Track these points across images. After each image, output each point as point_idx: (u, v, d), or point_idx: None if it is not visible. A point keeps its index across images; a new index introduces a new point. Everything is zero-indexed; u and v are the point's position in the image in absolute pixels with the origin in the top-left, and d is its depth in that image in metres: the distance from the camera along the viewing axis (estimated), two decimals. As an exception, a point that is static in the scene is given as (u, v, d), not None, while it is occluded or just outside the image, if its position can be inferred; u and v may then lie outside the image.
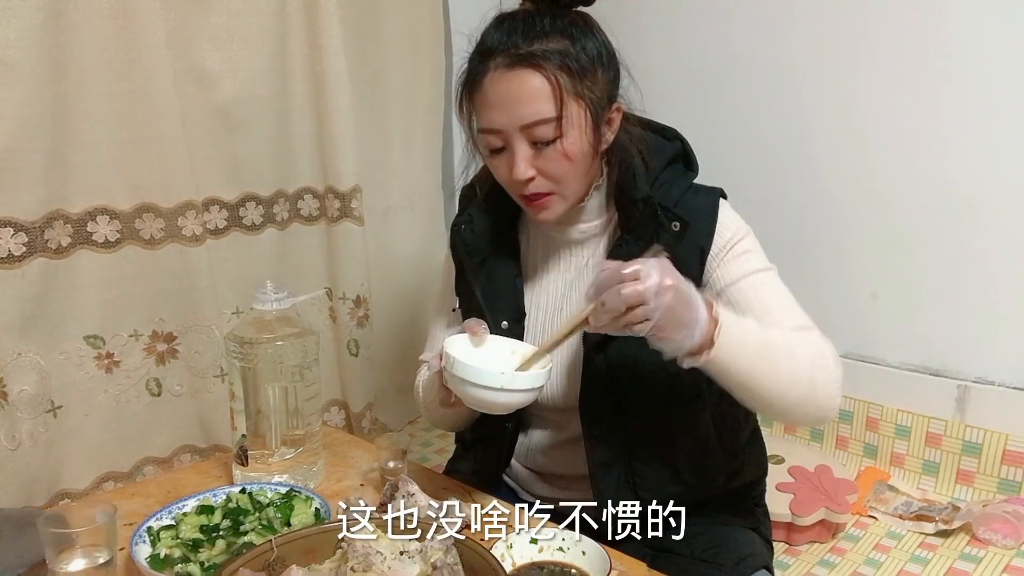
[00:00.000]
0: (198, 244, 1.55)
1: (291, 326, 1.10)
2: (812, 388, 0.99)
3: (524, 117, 0.98)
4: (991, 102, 1.59)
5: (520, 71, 0.98)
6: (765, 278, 1.06)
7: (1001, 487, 1.63)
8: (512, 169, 1.01)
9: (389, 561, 0.77)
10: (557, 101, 0.97)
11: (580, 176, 1.04)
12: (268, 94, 1.65)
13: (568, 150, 1.00)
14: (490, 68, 1.00)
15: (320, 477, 1.15)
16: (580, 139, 1.00)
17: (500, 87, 0.99)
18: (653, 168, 1.07)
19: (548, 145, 0.99)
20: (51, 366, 1.43)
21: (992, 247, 1.63)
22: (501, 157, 1.03)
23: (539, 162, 1.01)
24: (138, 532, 0.94)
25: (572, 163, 1.01)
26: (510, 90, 0.98)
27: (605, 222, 1.11)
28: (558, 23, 1.00)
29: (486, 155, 1.06)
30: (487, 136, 1.03)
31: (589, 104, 1.00)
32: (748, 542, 1.13)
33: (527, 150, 1.00)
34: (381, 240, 1.94)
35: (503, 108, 0.99)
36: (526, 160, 1.00)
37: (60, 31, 1.34)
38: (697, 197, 1.08)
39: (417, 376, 1.25)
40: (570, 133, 0.99)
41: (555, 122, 0.98)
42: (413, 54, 1.95)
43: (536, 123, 0.98)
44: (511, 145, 1.00)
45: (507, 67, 0.98)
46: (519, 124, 0.99)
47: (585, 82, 0.99)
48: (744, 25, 1.87)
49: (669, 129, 1.14)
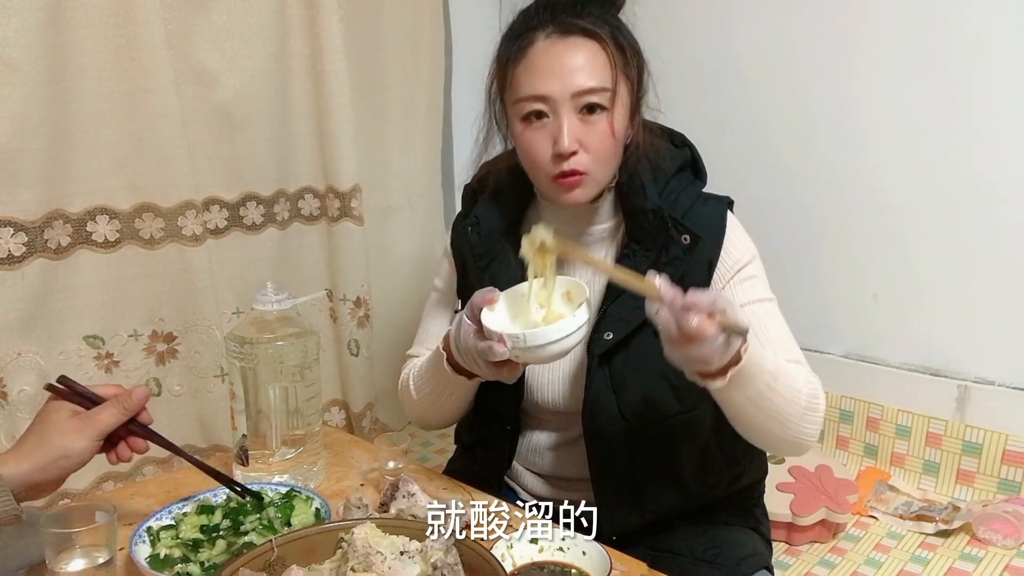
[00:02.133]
0: (198, 244, 1.55)
1: (291, 326, 1.09)
2: (800, 425, 0.98)
3: (580, 83, 0.97)
4: (992, 102, 1.59)
5: (576, 39, 0.98)
6: (767, 308, 1.06)
7: (1001, 487, 1.63)
8: (557, 140, 0.98)
9: (389, 561, 0.77)
10: (612, 73, 0.98)
11: (614, 159, 1.03)
12: (268, 94, 1.65)
13: (615, 125, 0.99)
14: (539, 37, 0.99)
15: (320, 477, 1.15)
16: (623, 118, 1.01)
17: (553, 53, 0.98)
18: (662, 175, 1.06)
19: (596, 116, 0.98)
20: (51, 366, 1.43)
21: (992, 247, 1.63)
22: (541, 130, 1.00)
23: (584, 135, 0.99)
24: (138, 532, 0.94)
25: (614, 141, 1.00)
26: (565, 57, 0.97)
27: (614, 227, 1.11)
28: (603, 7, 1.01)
29: (520, 129, 1.03)
30: (529, 103, 1.00)
31: (632, 87, 1.00)
32: (748, 542, 1.13)
33: (575, 121, 0.98)
34: (381, 240, 1.93)
35: (555, 76, 0.97)
36: (573, 132, 0.98)
37: (60, 31, 1.34)
38: (706, 207, 1.07)
39: (404, 370, 1.23)
40: (618, 108, 0.99)
41: (610, 92, 0.98)
42: (413, 54, 1.95)
43: (591, 90, 0.97)
44: (559, 113, 0.98)
45: (561, 34, 0.98)
46: (573, 90, 0.97)
47: (631, 64, 1.00)
48: (745, 25, 1.87)
49: (677, 135, 1.13)
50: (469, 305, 0.98)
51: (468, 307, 0.98)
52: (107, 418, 0.86)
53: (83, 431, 0.85)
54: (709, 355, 0.82)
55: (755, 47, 1.86)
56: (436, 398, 1.12)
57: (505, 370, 0.97)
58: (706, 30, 1.93)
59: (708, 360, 0.84)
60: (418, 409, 1.20)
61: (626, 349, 1.05)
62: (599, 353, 1.05)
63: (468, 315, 0.97)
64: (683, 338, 0.82)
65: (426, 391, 1.15)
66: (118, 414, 0.87)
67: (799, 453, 1.05)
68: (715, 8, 1.91)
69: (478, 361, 0.97)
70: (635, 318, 1.03)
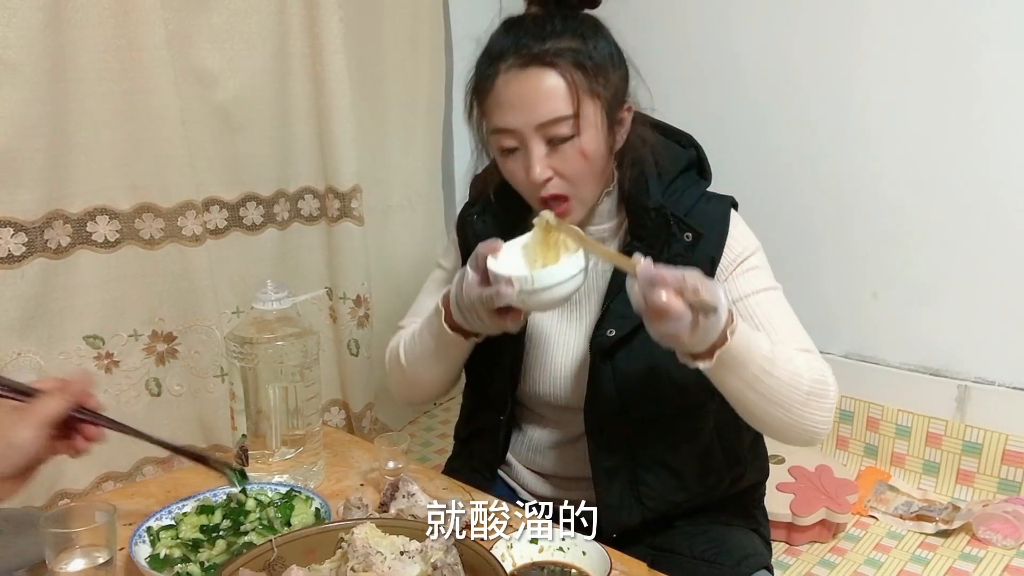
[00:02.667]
0: (198, 244, 1.55)
1: (291, 326, 1.09)
2: (806, 411, 0.98)
3: (541, 115, 0.97)
4: (993, 102, 1.59)
5: (534, 70, 0.97)
6: (772, 296, 1.06)
7: (1001, 487, 1.63)
8: (528, 170, 0.99)
9: (389, 561, 0.77)
10: (573, 98, 0.97)
11: (596, 177, 1.03)
12: (268, 94, 1.65)
13: (585, 148, 0.99)
14: (501, 70, 0.98)
15: (320, 477, 1.15)
16: (595, 137, 0.99)
17: (513, 87, 0.98)
18: (666, 175, 1.06)
19: (564, 144, 0.98)
20: (51, 366, 1.43)
21: (992, 247, 1.63)
22: (515, 159, 1.01)
23: (555, 162, 0.99)
24: (138, 532, 0.94)
25: (588, 162, 1.00)
26: (525, 89, 0.97)
27: (615, 226, 1.11)
28: (568, 24, 0.99)
29: (499, 158, 1.04)
30: (501, 137, 1.01)
31: (603, 102, 0.99)
32: (748, 542, 1.13)
33: (542, 150, 0.99)
34: (381, 240, 1.94)
35: (518, 108, 0.98)
36: (542, 161, 0.99)
37: (60, 31, 1.35)
38: (709, 205, 1.07)
39: (393, 341, 1.21)
40: (586, 131, 0.98)
41: (572, 119, 0.97)
42: (413, 54, 1.95)
43: (553, 121, 0.97)
44: (526, 145, 0.99)
45: (520, 67, 0.97)
46: (535, 123, 0.97)
47: (599, 80, 0.98)
48: (746, 25, 1.87)
49: (684, 135, 1.13)
50: (473, 255, 0.97)
51: (472, 258, 0.98)
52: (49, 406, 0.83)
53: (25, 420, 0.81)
54: (678, 332, 0.83)
55: (756, 46, 1.86)
56: (427, 363, 1.11)
57: (509, 319, 0.97)
58: (706, 30, 1.93)
59: (679, 338, 0.85)
60: (405, 378, 1.18)
61: (629, 346, 1.05)
62: (602, 350, 1.05)
63: (472, 266, 0.97)
64: (652, 313, 0.83)
65: (416, 354, 1.14)
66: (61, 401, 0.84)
67: (810, 443, 1.04)
68: (716, 8, 1.91)
69: (480, 313, 0.97)
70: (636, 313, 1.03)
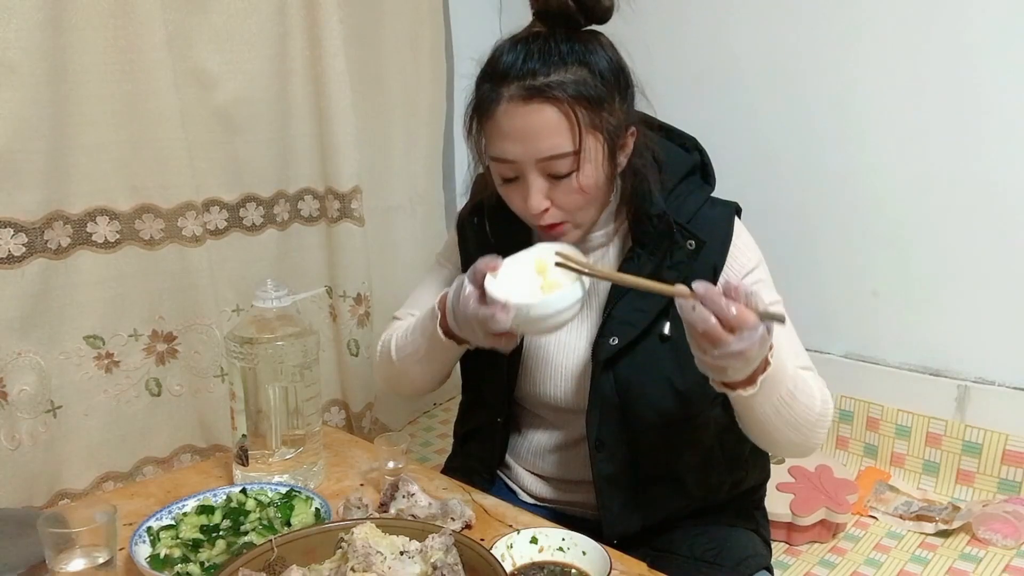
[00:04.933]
0: (198, 245, 1.55)
1: (291, 325, 1.09)
2: (816, 431, 0.99)
3: (541, 151, 0.96)
4: (993, 102, 1.59)
5: (537, 104, 0.95)
6: None
7: (1001, 487, 1.63)
8: (527, 201, 0.99)
9: (389, 561, 0.77)
10: (574, 135, 0.95)
11: (594, 205, 1.03)
12: (268, 95, 1.65)
13: (583, 184, 0.98)
14: (503, 97, 0.96)
15: (320, 477, 1.15)
16: (595, 172, 0.98)
17: (516, 120, 0.96)
18: (668, 182, 1.06)
19: (563, 178, 0.97)
20: (51, 366, 1.43)
21: (993, 247, 1.63)
22: (515, 187, 1.01)
23: (553, 194, 0.99)
24: (138, 532, 0.94)
25: (587, 196, 0.99)
26: (527, 123, 0.96)
27: (613, 230, 1.10)
28: (575, 48, 0.97)
29: (498, 183, 1.04)
30: (500, 165, 1.00)
31: (606, 136, 0.98)
32: (748, 543, 1.13)
33: (542, 183, 0.98)
34: (382, 241, 1.94)
35: (518, 140, 0.97)
36: (541, 192, 0.98)
37: (60, 32, 1.35)
38: (713, 212, 1.06)
39: (386, 332, 1.21)
40: (586, 167, 0.97)
41: (572, 156, 0.96)
42: (413, 54, 1.95)
43: (553, 157, 0.96)
44: (525, 177, 0.98)
45: (523, 100, 0.95)
46: (535, 157, 0.96)
47: (602, 113, 0.97)
48: (745, 25, 1.87)
49: (689, 138, 1.12)
50: (472, 270, 0.96)
51: (471, 272, 0.97)
52: None
53: None
54: (749, 348, 0.81)
55: (755, 47, 1.86)
56: (418, 361, 1.11)
57: (503, 339, 0.96)
58: (706, 31, 1.93)
59: (749, 355, 0.82)
60: (394, 371, 1.17)
61: (631, 354, 1.04)
62: (604, 359, 1.04)
63: (471, 279, 0.96)
64: (724, 328, 0.80)
65: (408, 351, 1.13)
66: None
67: (805, 455, 1.05)
68: (715, 10, 1.91)
69: (475, 329, 0.96)
70: (639, 321, 1.03)
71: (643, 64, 1.07)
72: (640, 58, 1.07)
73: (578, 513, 1.16)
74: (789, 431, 0.96)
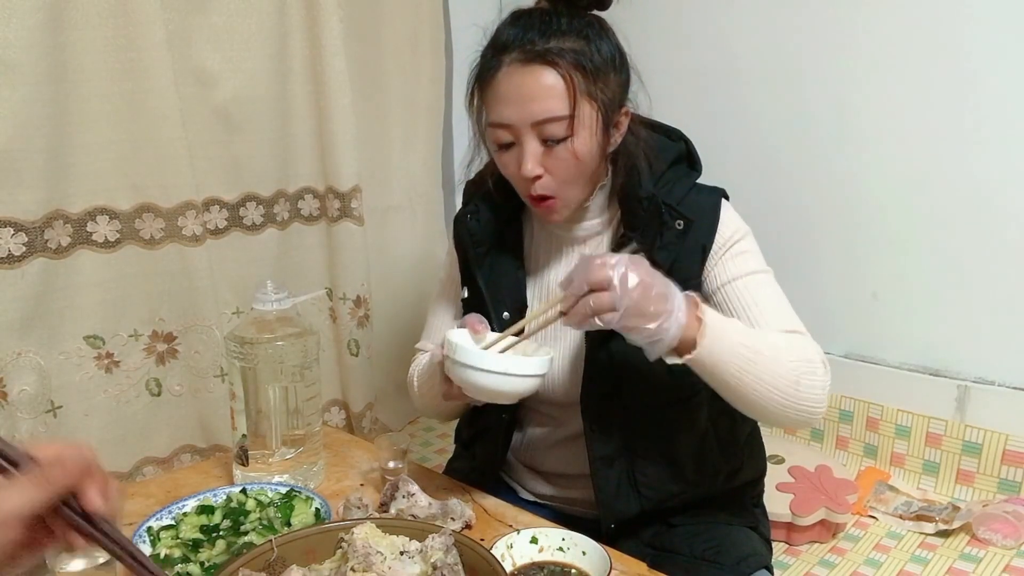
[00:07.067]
0: (198, 244, 1.55)
1: (291, 326, 1.09)
2: (797, 392, 0.98)
3: (536, 113, 0.98)
4: (993, 102, 1.59)
5: (535, 67, 0.98)
6: (761, 279, 1.06)
7: (1001, 487, 1.63)
8: (520, 165, 1.01)
9: (389, 561, 0.77)
10: (570, 99, 0.98)
11: (585, 178, 1.04)
12: (268, 94, 1.65)
13: (577, 150, 1.00)
14: (504, 63, 1.00)
15: (320, 477, 1.15)
16: (589, 140, 1.00)
17: (513, 82, 0.99)
18: (657, 168, 1.07)
19: (558, 144, 0.99)
20: (51, 366, 1.43)
21: (992, 247, 1.63)
22: (510, 153, 1.03)
23: (548, 161, 1.01)
24: (138, 532, 0.94)
25: (580, 163, 1.01)
26: (524, 85, 0.98)
27: (607, 220, 1.12)
28: (574, 23, 1.00)
29: (495, 150, 1.06)
30: (497, 130, 1.02)
31: (600, 106, 1.00)
32: (748, 542, 1.13)
33: (537, 147, 1.00)
34: (381, 240, 1.94)
35: (515, 103, 0.99)
36: (535, 157, 1.00)
37: (60, 31, 1.34)
38: (700, 196, 1.08)
39: (412, 365, 1.25)
40: (580, 133, 0.99)
41: (567, 120, 0.98)
42: (413, 54, 1.95)
43: (548, 120, 0.98)
44: (521, 141, 1.00)
45: (522, 62, 0.98)
46: (531, 120, 0.99)
47: (598, 83, 0.99)
48: (745, 25, 1.87)
49: (674, 130, 1.14)
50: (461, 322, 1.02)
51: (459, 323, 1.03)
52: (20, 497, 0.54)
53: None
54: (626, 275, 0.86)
55: (755, 47, 1.86)
56: (434, 398, 1.13)
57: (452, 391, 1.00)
58: (705, 30, 1.93)
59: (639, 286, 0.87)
60: (422, 404, 1.23)
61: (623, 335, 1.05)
62: (597, 339, 1.05)
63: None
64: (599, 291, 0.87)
65: (426, 390, 1.17)
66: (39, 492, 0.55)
67: (808, 424, 1.04)
68: (715, 8, 1.91)
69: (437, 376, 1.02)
70: None
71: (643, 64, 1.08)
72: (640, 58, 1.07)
73: (578, 512, 1.17)
74: (768, 391, 0.96)
